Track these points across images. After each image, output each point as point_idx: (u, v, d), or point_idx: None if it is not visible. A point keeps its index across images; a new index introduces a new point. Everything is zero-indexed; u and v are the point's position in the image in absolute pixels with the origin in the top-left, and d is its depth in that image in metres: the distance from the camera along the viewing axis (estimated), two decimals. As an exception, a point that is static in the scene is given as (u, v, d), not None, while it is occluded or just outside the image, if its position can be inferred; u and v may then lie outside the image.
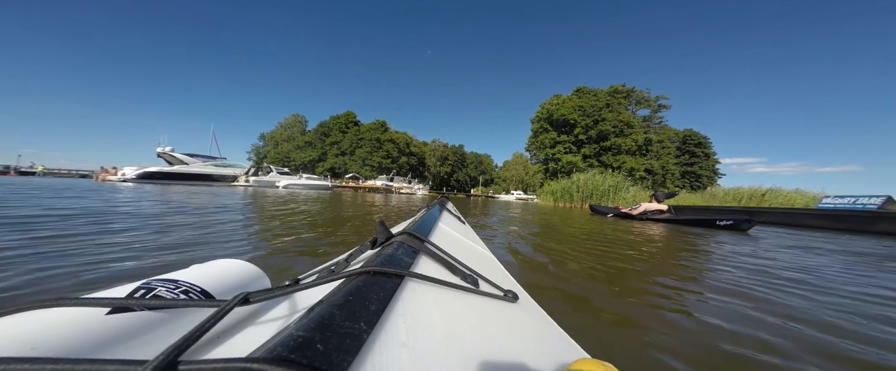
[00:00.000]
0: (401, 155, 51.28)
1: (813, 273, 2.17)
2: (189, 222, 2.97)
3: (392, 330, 0.29)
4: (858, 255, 3.07)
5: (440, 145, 64.76)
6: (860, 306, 1.50)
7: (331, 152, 50.59)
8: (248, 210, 4.55)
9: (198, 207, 4.37)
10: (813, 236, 4.92)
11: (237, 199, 6.89)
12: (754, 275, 2.02)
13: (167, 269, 0.44)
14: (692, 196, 16.78)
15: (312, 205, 6.28)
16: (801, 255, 2.97)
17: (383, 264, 0.41)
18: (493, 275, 0.63)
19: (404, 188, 32.98)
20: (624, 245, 3.12)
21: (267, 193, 10.90)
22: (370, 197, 14.27)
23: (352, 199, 11.05)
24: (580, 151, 34.74)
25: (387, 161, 48.13)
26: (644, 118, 36.53)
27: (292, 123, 57.60)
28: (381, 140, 49.06)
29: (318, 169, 49.40)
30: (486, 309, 0.42)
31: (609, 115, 33.86)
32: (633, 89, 36.23)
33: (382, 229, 0.59)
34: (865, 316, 1.37)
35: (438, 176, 62.75)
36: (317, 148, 51.25)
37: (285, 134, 55.00)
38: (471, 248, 0.94)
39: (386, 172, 42.71)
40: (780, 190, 12.95)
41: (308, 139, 52.66)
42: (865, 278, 2.08)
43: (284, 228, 3.01)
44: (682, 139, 38.44)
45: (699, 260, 2.52)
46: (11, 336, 0.26)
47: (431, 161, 61.26)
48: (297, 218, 3.91)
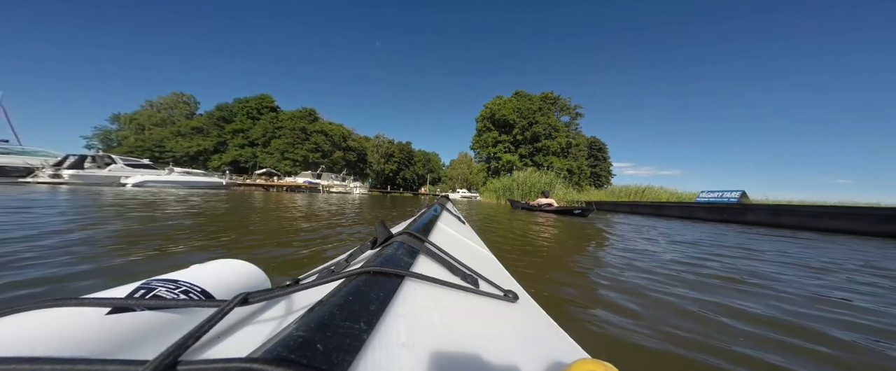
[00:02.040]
0: (335, 149, 44.92)
1: (611, 232, 4.27)
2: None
3: (392, 330, 0.29)
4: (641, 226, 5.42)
5: (385, 141, 59.15)
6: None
7: (233, 142, 40.79)
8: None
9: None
10: (645, 221, 6.73)
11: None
12: (570, 228, 4.65)
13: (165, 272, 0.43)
14: (598, 192, 19.75)
15: (153, 221, 2.96)
16: (608, 224, 5.60)
17: (383, 264, 0.41)
18: (493, 275, 0.62)
19: (336, 186, 28.05)
20: (526, 223, 4.97)
21: (98, 195, 6.41)
22: (288, 197, 10.86)
23: (261, 201, 7.60)
24: (517, 151, 36.50)
25: (315, 155, 41.34)
26: (566, 124, 40.42)
27: (172, 103, 44.30)
28: (309, 131, 41.84)
29: (212, 162, 39.13)
30: (486, 309, 0.41)
31: (541, 118, 36.29)
32: (559, 97, 39.74)
33: (382, 229, 0.59)
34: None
35: (383, 174, 57.67)
36: (211, 136, 40.48)
37: (159, 116, 41.54)
38: (471, 248, 0.94)
39: (313, 168, 36.29)
40: (653, 188, 16.52)
41: (197, 125, 41.09)
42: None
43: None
44: (589, 144, 44.02)
45: (558, 228, 4.42)
46: (11, 336, 0.26)
47: (374, 157, 55.65)
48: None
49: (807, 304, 1.40)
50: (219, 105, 43.45)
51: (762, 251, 2.91)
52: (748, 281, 1.75)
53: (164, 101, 44.22)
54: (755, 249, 3.00)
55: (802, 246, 3.47)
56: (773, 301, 1.42)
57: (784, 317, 1.22)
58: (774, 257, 2.61)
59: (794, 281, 1.81)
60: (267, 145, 40.71)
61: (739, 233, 4.79)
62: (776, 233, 5.08)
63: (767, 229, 5.83)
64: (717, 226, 6.25)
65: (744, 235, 4.39)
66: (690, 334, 1.02)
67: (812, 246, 3.52)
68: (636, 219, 7.55)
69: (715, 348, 0.94)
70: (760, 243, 3.53)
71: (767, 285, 1.68)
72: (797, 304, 1.40)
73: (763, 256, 2.62)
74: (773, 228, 6.18)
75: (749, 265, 2.21)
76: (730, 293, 1.51)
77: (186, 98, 46.26)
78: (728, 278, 1.78)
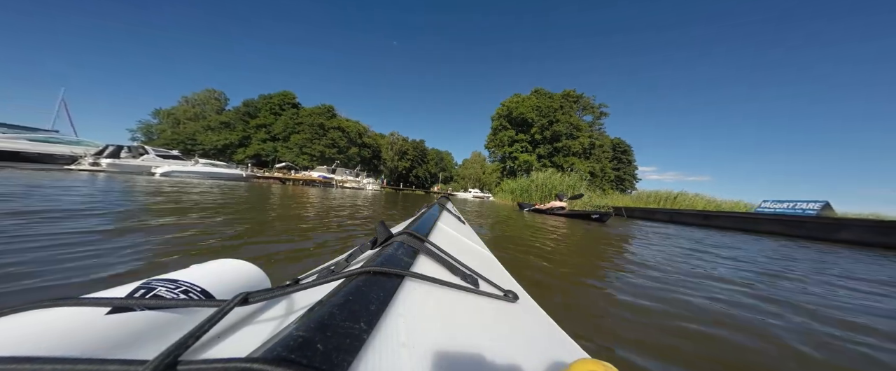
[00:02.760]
0: (351, 145, 45.45)
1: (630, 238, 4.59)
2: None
3: (392, 330, 0.29)
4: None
5: (399, 138, 59.19)
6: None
7: (256, 136, 42.26)
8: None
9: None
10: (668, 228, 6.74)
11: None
12: (593, 234, 4.76)
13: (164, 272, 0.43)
14: (624, 198, 18.13)
15: (174, 212, 3.14)
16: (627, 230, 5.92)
17: (383, 264, 0.41)
18: (493, 275, 0.62)
19: (349, 182, 28.36)
20: (537, 227, 5.18)
21: (132, 184, 6.82)
22: (301, 191, 11.10)
23: (276, 193, 7.64)
24: (535, 151, 35.38)
25: (332, 151, 41.89)
26: (589, 124, 38.77)
27: (205, 99, 46.48)
28: (326, 127, 42.58)
29: (237, 155, 40.76)
30: (486, 309, 0.41)
31: (562, 117, 34.95)
32: (582, 95, 38.22)
33: (382, 229, 0.59)
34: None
35: (396, 171, 57.70)
36: (237, 131, 42.17)
37: (193, 111, 43.75)
38: (471, 248, 0.94)
39: (329, 163, 36.97)
40: (687, 194, 14.50)
41: (225, 120, 42.95)
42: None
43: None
44: (613, 146, 42.05)
45: (575, 231, 4.91)
46: (11, 336, 0.26)
47: (388, 155, 55.55)
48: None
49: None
50: (245, 101, 45.11)
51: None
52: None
53: (198, 96, 46.50)
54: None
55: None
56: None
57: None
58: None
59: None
60: (287, 140, 41.82)
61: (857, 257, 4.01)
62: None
63: (872, 252, 4.98)
64: (803, 243, 5.52)
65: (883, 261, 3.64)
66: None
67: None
68: (687, 231, 6.77)
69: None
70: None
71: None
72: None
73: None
74: (879, 250, 5.32)
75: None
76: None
77: (217, 94, 48.44)
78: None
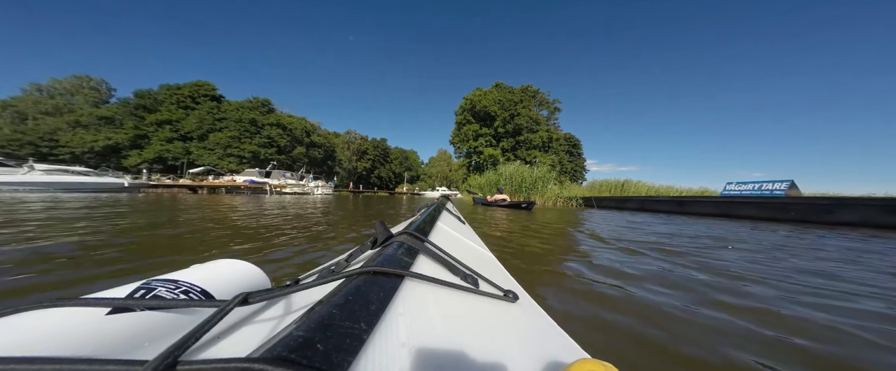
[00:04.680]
0: (295, 144, 39.19)
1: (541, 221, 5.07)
2: None
3: (392, 330, 0.29)
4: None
5: (357, 137, 54.66)
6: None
7: (158, 135, 33.38)
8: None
9: None
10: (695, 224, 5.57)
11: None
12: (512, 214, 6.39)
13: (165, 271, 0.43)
14: (578, 188, 18.58)
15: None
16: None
17: (383, 264, 0.41)
18: (493, 275, 0.62)
19: (291, 186, 23.25)
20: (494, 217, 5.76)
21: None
22: (216, 202, 7.61)
23: (168, 207, 4.99)
24: (499, 145, 34.58)
25: (269, 151, 35.77)
26: (546, 118, 39.51)
27: (72, 89, 35.31)
28: (260, 123, 35.87)
29: (129, 160, 31.50)
30: (486, 309, 0.41)
31: (523, 110, 34.71)
32: (538, 90, 38.75)
33: (382, 229, 0.58)
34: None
35: (355, 172, 52.89)
36: (125, 128, 32.61)
37: (51, 104, 32.48)
38: (471, 248, 0.93)
39: (263, 165, 30.48)
40: (632, 181, 15.55)
41: (107, 114, 32.83)
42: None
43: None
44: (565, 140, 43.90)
45: (507, 217, 5.57)
46: (11, 336, 0.26)
47: (344, 155, 51.41)
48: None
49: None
50: (138, 91, 35.40)
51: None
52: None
53: (60, 85, 34.93)
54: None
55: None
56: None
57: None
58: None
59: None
60: (204, 139, 33.91)
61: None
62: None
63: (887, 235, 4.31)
64: (795, 228, 4.87)
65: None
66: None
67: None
68: (663, 219, 6.17)
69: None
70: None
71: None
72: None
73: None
74: (889, 232, 4.69)
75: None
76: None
77: (95, 83, 37.24)
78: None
